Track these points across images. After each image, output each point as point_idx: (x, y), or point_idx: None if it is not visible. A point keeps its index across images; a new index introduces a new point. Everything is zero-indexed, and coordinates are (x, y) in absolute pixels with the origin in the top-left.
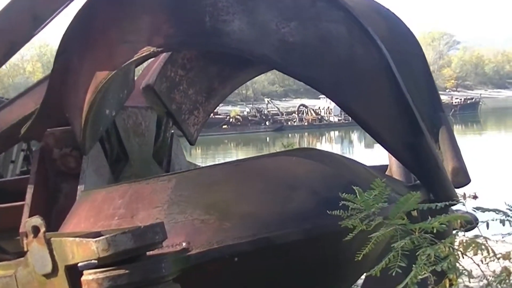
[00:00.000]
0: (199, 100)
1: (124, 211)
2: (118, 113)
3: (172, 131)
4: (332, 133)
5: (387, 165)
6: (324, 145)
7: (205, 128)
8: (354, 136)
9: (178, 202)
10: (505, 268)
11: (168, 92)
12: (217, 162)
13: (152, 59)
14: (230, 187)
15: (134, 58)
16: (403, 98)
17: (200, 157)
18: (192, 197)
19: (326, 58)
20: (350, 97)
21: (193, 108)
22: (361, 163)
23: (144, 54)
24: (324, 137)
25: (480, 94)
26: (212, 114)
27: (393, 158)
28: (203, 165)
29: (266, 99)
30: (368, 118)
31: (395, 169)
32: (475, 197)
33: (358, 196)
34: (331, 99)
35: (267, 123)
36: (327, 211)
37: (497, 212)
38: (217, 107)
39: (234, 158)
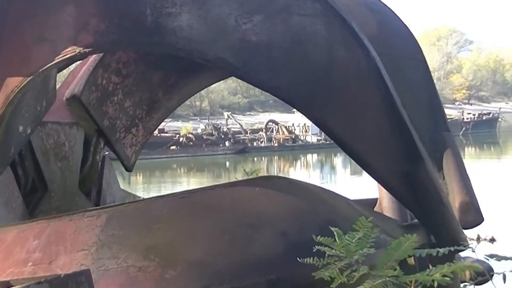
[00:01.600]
0: (138, 114)
1: (40, 255)
2: (35, 131)
3: (106, 152)
4: (309, 156)
5: (377, 199)
6: (298, 172)
7: (148, 150)
8: (337, 160)
9: (109, 244)
10: None
11: (99, 104)
12: (162, 193)
13: (78, 62)
14: (176, 225)
15: (54, 61)
16: (396, 114)
17: (142, 186)
18: (127, 238)
19: (299, 63)
20: (329, 112)
21: (131, 125)
22: (343, 197)
23: (67, 56)
24: (299, 161)
25: (500, 108)
26: (156, 132)
27: (384, 190)
28: (145, 197)
29: (225, 113)
30: (352, 140)
31: (387, 204)
32: (492, 240)
33: (337, 239)
34: (305, 115)
35: (226, 143)
36: (298, 258)
37: None
38: (163, 123)
39: (184, 188)
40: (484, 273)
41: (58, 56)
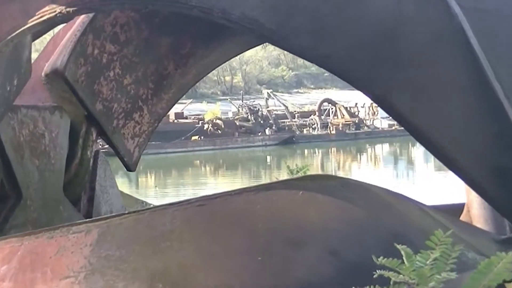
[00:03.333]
0: (142, 94)
1: (10, 285)
2: (4, 118)
3: (105, 147)
4: (378, 147)
5: (464, 204)
6: (363, 170)
7: (162, 141)
8: (416, 152)
9: (102, 269)
10: None
11: (89, 82)
12: (178, 199)
13: (60, 27)
14: (191, 243)
15: (27, 25)
16: (488, 91)
17: (153, 190)
18: (126, 261)
19: (354, 23)
20: (395, 88)
21: (133, 109)
22: (418, 202)
23: (44, 18)
24: (364, 154)
25: None
26: (172, 118)
27: (473, 192)
28: (155, 204)
29: (265, 91)
30: (426, 125)
31: (477, 211)
32: None
33: (405, 261)
34: (363, 92)
35: (267, 131)
36: (353, 287)
37: None
38: (180, 106)
39: (210, 192)
40: None
41: (32, 19)
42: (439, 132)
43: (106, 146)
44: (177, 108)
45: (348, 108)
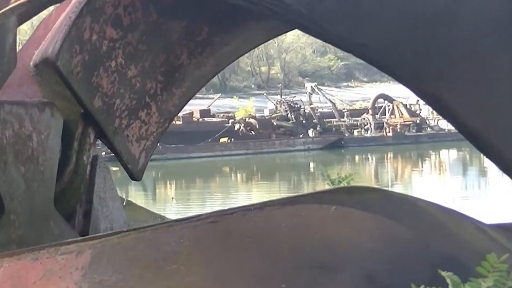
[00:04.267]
0: (149, 88)
1: None
2: None
3: (103, 152)
4: (443, 153)
5: None
6: (425, 180)
7: (184, 144)
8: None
9: None
10: None
11: (86, 74)
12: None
13: (51, 8)
14: (200, 267)
15: (10, 6)
16: None
17: (169, 202)
18: (124, 287)
19: (399, 5)
20: (449, 85)
21: (138, 106)
22: (475, 220)
23: None
24: (427, 161)
25: None
26: (197, 116)
27: None
28: (174, 218)
29: (309, 85)
30: (487, 130)
31: None
32: None
33: None
34: (410, 88)
35: (310, 132)
36: None
37: None
38: (203, 102)
39: (238, 204)
40: None
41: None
42: (499, 136)
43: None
44: (202, 104)
45: (408, 106)
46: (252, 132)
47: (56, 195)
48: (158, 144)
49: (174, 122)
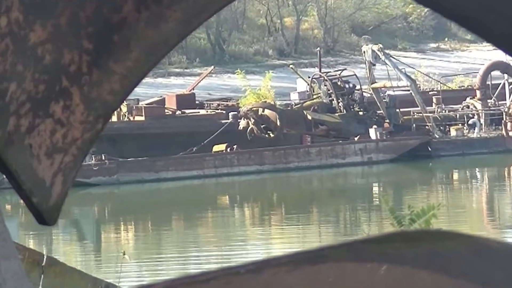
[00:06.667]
0: (68, 63)
1: None
2: None
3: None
4: None
5: None
6: None
7: (146, 156)
8: None
9: None
10: None
11: None
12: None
13: None
14: None
15: None
16: None
17: (120, 258)
18: None
19: None
20: None
21: (49, 93)
22: None
23: None
24: None
25: None
26: (170, 106)
27: None
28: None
29: (368, 48)
30: None
31: None
32: None
33: None
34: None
35: (373, 132)
36: None
37: None
38: (180, 81)
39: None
40: None
41: None
42: None
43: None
44: (182, 85)
45: None
46: (270, 133)
47: None
48: (105, 159)
49: (129, 118)
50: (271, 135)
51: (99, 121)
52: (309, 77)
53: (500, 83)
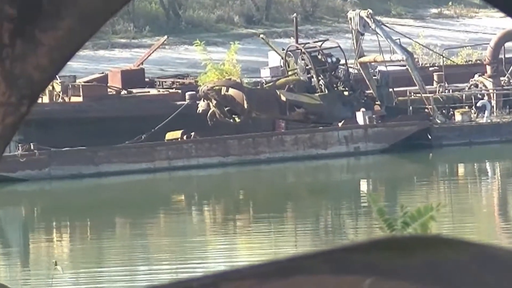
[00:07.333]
0: None
1: None
2: None
3: None
4: None
5: None
6: None
7: (84, 145)
8: None
9: None
10: None
11: None
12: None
13: None
14: None
15: None
16: None
17: (51, 269)
18: None
19: None
20: None
21: None
22: None
23: None
24: None
25: None
26: (114, 84)
27: None
28: None
29: (354, 15)
30: None
31: None
32: None
33: None
34: None
35: (360, 116)
36: None
37: None
38: (126, 55)
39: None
40: None
41: None
42: None
43: None
44: (128, 59)
45: None
46: (236, 118)
47: None
48: (35, 148)
49: (64, 99)
50: (237, 119)
51: (24, 102)
52: (283, 50)
53: None
